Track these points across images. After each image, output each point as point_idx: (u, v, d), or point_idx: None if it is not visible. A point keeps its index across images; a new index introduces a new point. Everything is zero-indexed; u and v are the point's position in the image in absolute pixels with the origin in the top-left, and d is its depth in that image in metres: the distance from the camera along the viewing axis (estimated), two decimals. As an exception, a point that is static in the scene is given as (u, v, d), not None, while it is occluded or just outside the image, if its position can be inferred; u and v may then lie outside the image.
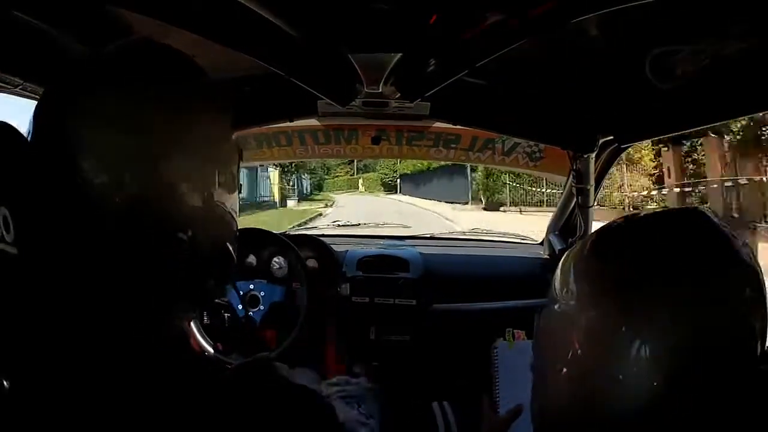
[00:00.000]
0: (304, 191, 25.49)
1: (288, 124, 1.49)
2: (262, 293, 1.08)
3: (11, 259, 0.36)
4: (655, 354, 0.37)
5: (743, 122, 6.81)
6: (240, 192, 0.50)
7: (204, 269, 0.46)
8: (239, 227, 0.50)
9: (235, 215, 0.49)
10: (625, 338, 0.38)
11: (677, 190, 8.40)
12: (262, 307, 1.08)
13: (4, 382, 0.36)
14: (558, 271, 0.47)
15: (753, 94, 0.74)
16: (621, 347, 0.39)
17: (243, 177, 0.52)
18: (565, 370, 0.43)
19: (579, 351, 0.42)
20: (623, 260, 0.41)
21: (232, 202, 0.48)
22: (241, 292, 1.07)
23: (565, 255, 0.48)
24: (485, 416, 0.83)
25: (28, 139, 0.40)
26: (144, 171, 0.40)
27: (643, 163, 9.24)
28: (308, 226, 1.96)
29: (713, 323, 0.37)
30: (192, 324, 0.97)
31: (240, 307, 1.06)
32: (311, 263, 1.32)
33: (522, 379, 0.95)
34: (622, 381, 0.38)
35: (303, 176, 25.57)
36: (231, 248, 0.48)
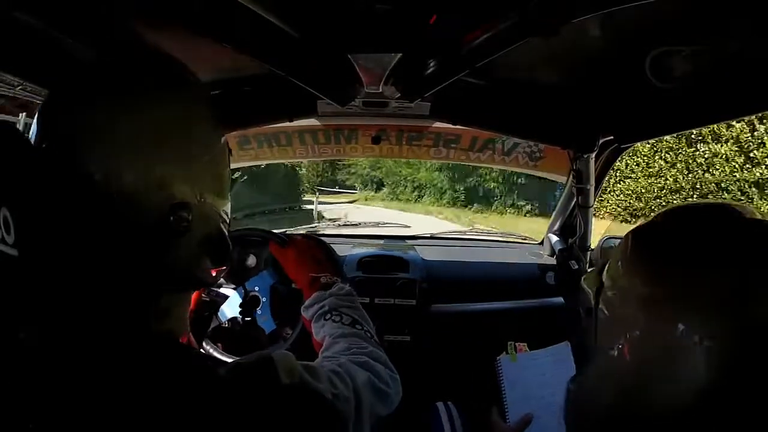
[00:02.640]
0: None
1: (288, 124, 1.48)
2: (258, 288, 1.08)
3: (11, 261, 0.36)
4: (706, 349, 0.37)
5: None
6: (230, 189, 0.52)
7: (201, 252, 0.47)
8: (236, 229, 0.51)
9: (227, 208, 0.51)
10: (679, 334, 0.38)
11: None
12: (264, 300, 1.08)
13: (4, 384, 0.36)
14: (611, 262, 0.48)
15: (753, 94, 0.74)
16: (672, 340, 0.38)
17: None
18: (614, 363, 0.44)
19: (630, 342, 0.42)
20: (672, 255, 0.41)
21: (224, 196, 0.50)
22: (243, 293, 1.07)
23: (618, 246, 0.48)
24: (496, 424, 0.83)
25: (31, 141, 0.41)
26: (140, 171, 0.41)
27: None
28: (308, 226, 1.95)
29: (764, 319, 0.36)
30: (193, 324, 0.97)
31: (241, 306, 1.05)
32: None
33: (528, 390, 0.95)
34: (673, 374, 0.38)
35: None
36: (225, 233, 0.50)
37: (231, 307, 1.06)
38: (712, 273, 0.38)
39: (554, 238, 1.56)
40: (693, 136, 6.52)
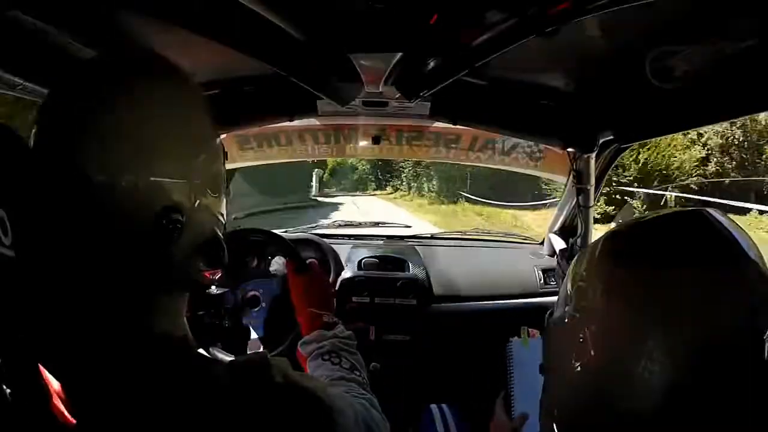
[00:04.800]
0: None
1: (288, 123, 1.49)
2: (262, 291, 1.08)
3: (9, 262, 0.36)
4: (669, 354, 0.38)
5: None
6: (227, 188, 0.51)
7: (195, 254, 0.46)
8: (240, 228, 0.51)
9: (222, 209, 0.50)
10: (640, 338, 0.39)
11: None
12: (263, 305, 1.08)
13: (4, 386, 0.36)
14: (570, 273, 0.49)
15: (753, 94, 0.74)
16: (635, 347, 0.39)
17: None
18: (579, 369, 0.44)
19: (594, 351, 0.43)
20: (636, 263, 0.42)
21: (220, 197, 0.49)
22: (241, 291, 1.07)
23: (576, 258, 0.49)
24: (497, 420, 0.84)
25: (29, 142, 0.41)
26: (133, 172, 0.41)
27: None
28: (308, 225, 1.95)
29: (725, 323, 0.38)
30: (191, 322, 0.97)
31: (240, 305, 1.06)
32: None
33: (535, 375, 0.96)
34: (636, 380, 0.39)
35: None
36: (220, 235, 0.49)
37: (230, 303, 1.06)
38: (675, 278, 0.39)
39: (554, 238, 1.56)
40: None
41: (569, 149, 1.26)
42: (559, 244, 1.52)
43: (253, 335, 1.04)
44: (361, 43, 0.73)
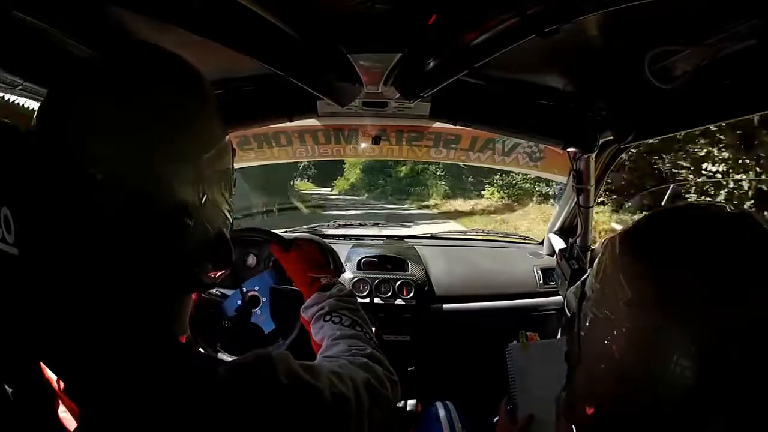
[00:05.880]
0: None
1: (288, 124, 1.49)
2: (258, 288, 1.08)
3: (12, 260, 0.36)
4: (693, 352, 0.37)
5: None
6: (234, 186, 0.52)
7: (201, 253, 0.46)
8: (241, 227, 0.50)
9: (229, 208, 0.50)
10: (664, 336, 0.39)
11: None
12: (264, 299, 1.08)
13: (6, 385, 0.36)
14: (595, 269, 0.48)
15: (753, 94, 0.74)
16: (660, 345, 0.39)
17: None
18: (602, 364, 0.44)
19: (617, 348, 0.42)
20: (664, 260, 0.41)
21: (227, 195, 0.49)
22: (242, 292, 1.07)
23: (601, 252, 0.48)
24: (501, 423, 0.84)
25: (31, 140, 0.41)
26: (141, 169, 0.40)
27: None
28: (309, 225, 1.95)
29: (751, 325, 0.37)
30: (192, 323, 0.97)
31: (240, 306, 1.06)
32: None
33: (536, 380, 0.96)
34: (659, 377, 0.39)
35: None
36: (227, 235, 0.49)
37: (230, 307, 1.06)
38: (695, 273, 0.39)
39: (554, 238, 1.56)
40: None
41: (569, 149, 1.26)
42: (559, 244, 1.52)
43: (266, 331, 1.05)
44: (361, 43, 0.73)
